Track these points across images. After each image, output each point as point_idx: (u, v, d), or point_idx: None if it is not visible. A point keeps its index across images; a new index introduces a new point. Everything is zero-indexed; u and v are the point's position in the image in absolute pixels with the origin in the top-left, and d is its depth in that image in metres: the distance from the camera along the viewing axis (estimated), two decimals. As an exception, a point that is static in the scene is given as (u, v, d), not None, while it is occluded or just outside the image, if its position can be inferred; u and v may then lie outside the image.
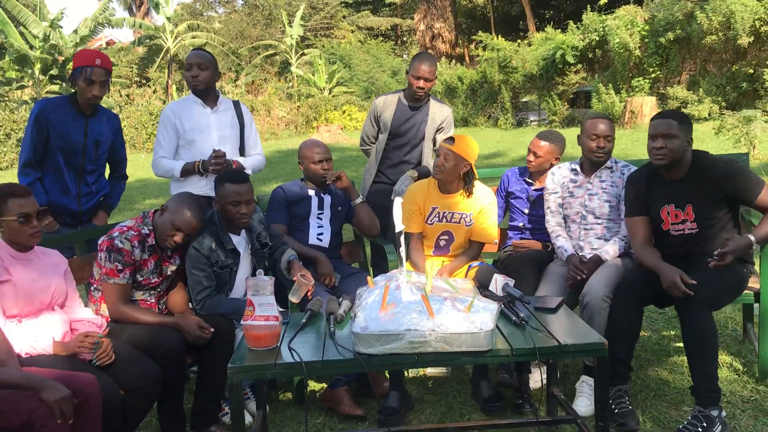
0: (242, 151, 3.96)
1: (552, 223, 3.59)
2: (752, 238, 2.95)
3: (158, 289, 3.10)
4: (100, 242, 2.97)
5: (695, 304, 2.83)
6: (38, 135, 3.57)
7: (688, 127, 3.02)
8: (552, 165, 3.78)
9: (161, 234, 2.98)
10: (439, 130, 4.16)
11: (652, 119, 3.11)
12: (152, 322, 2.94)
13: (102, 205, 3.88)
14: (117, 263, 2.90)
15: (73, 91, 3.63)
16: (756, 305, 3.39)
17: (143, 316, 2.95)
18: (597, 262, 3.31)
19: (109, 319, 2.97)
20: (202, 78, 3.77)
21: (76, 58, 3.56)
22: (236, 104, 3.99)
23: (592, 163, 3.51)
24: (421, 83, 4.00)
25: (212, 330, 2.93)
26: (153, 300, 3.09)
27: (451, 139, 3.46)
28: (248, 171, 3.89)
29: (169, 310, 3.16)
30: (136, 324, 2.92)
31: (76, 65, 3.51)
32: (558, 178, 3.60)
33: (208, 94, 3.84)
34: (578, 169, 3.57)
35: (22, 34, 21.30)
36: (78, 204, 3.73)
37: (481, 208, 3.55)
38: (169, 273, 3.12)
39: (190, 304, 3.20)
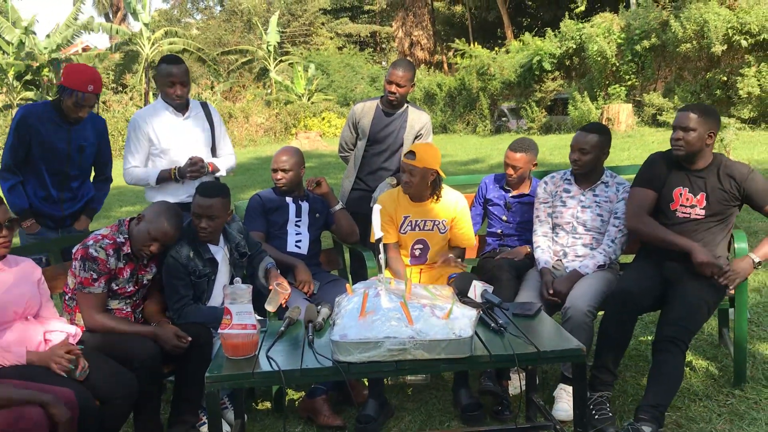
0: (214, 152, 3.92)
1: (539, 232, 3.59)
2: (755, 258, 3.10)
3: (134, 298, 3.06)
4: (74, 251, 2.92)
5: (673, 348, 2.88)
6: (19, 141, 3.55)
7: (710, 120, 3.12)
8: (530, 173, 3.80)
9: (137, 243, 2.94)
10: (417, 137, 4.16)
11: (677, 110, 3.25)
12: (128, 331, 2.90)
13: (86, 210, 3.85)
14: (92, 272, 2.85)
15: (55, 97, 3.58)
16: (731, 310, 3.43)
17: (119, 326, 2.90)
18: (574, 277, 3.32)
19: (84, 329, 2.92)
20: (184, 94, 3.72)
21: (68, 74, 3.46)
22: (204, 105, 3.95)
23: (576, 174, 3.53)
24: (393, 88, 4.00)
25: (189, 339, 2.89)
26: (129, 309, 3.05)
27: (411, 153, 3.46)
28: (222, 172, 3.87)
29: (145, 319, 3.12)
30: (112, 333, 2.87)
31: (68, 84, 3.42)
32: (550, 187, 3.59)
33: (182, 104, 3.79)
34: (572, 179, 3.56)
35: (-5, 41, 21.08)
36: (60, 209, 3.72)
37: (455, 214, 3.57)
38: (145, 282, 3.08)
39: (166, 312, 3.16)
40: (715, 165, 3.18)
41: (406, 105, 4.17)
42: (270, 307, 3.06)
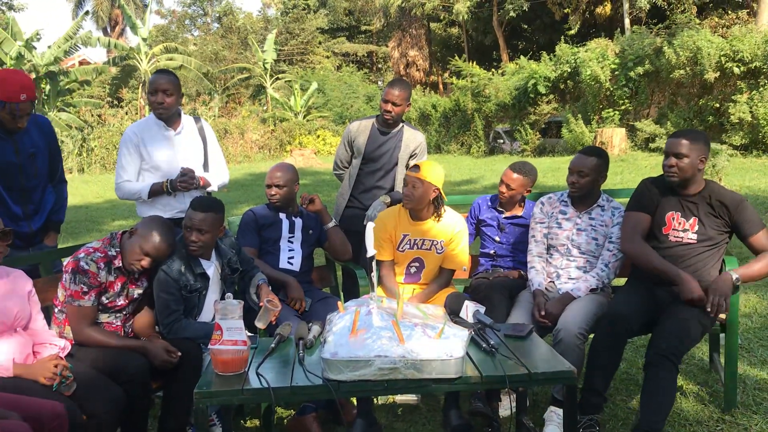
0: (206, 167, 3.88)
1: (534, 252, 3.59)
2: (735, 275, 3.07)
3: (124, 312, 3.04)
4: (65, 263, 2.90)
5: (665, 362, 2.86)
6: None
7: (701, 146, 3.13)
8: (523, 196, 3.81)
9: (128, 258, 2.92)
10: (412, 156, 4.18)
11: (668, 137, 3.24)
12: (118, 345, 2.88)
13: (50, 224, 3.69)
14: (82, 285, 2.84)
15: None
16: (722, 335, 3.43)
17: (108, 340, 2.88)
18: (566, 300, 3.32)
19: (74, 342, 2.90)
20: (167, 104, 3.64)
21: None
22: (197, 120, 3.91)
23: (573, 197, 3.54)
24: (389, 107, 4.03)
25: (179, 354, 2.87)
26: (119, 323, 3.03)
27: (416, 167, 3.46)
28: (213, 187, 3.85)
29: (135, 334, 3.10)
30: (102, 347, 2.85)
31: None
32: (547, 208, 3.61)
33: (171, 117, 3.74)
34: (568, 201, 3.57)
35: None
36: (28, 225, 3.55)
37: (452, 236, 3.56)
38: (135, 296, 3.06)
39: (156, 327, 3.14)
40: (707, 191, 3.19)
41: (401, 124, 4.19)
42: (260, 324, 3.05)
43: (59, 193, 3.76)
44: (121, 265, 2.95)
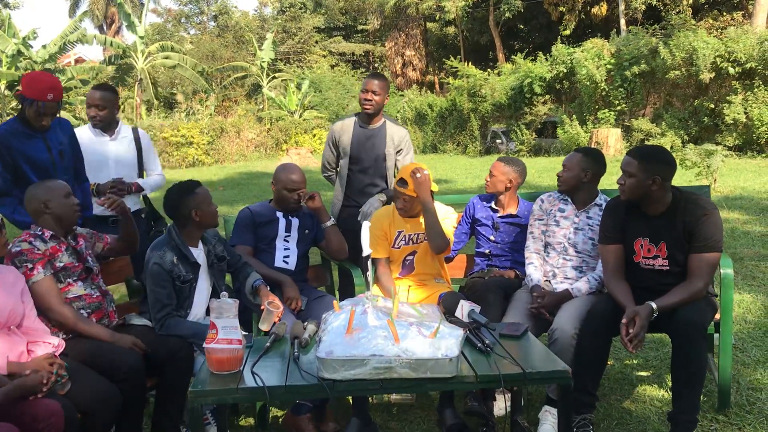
0: (140, 173, 4.27)
1: (531, 248, 3.60)
2: (653, 305, 2.89)
3: (91, 277, 3.07)
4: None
5: (696, 334, 2.82)
6: (3, 164, 3.54)
7: (653, 167, 2.95)
8: (507, 188, 3.79)
9: (71, 215, 3.00)
10: (398, 151, 4.20)
11: (625, 154, 3.14)
12: (87, 331, 2.88)
13: (84, 220, 3.85)
14: (26, 264, 2.84)
15: (19, 109, 3.63)
16: (716, 335, 3.44)
17: (78, 323, 2.88)
18: (565, 297, 3.32)
19: (66, 338, 2.88)
20: (100, 117, 4.06)
21: (27, 84, 3.47)
22: (134, 130, 4.31)
23: (562, 192, 3.54)
24: (369, 95, 4.10)
25: (144, 348, 2.89)
26: (97, 293, 3.05)
27: (403, 182, 3.50)
28: (147, 191, 4.24)
29: (116, 316, 3.13)
30: (98, 346, 2.84)
31: (28, 94, 3.45)
32: (546, 205, 3.60)
33: (108, 125, 4.11)
34: (568, 199, 3.56)
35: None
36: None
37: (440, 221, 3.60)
38: (86, 254, 3.09)
39: (151, 322, 3.13)
40: (673, 209, 3.01)
41: (383, 120, 4.21)
42: (264, 327, 3.05)
43: (85, 191, 4.00)
44: (52, 233, 2.97)
